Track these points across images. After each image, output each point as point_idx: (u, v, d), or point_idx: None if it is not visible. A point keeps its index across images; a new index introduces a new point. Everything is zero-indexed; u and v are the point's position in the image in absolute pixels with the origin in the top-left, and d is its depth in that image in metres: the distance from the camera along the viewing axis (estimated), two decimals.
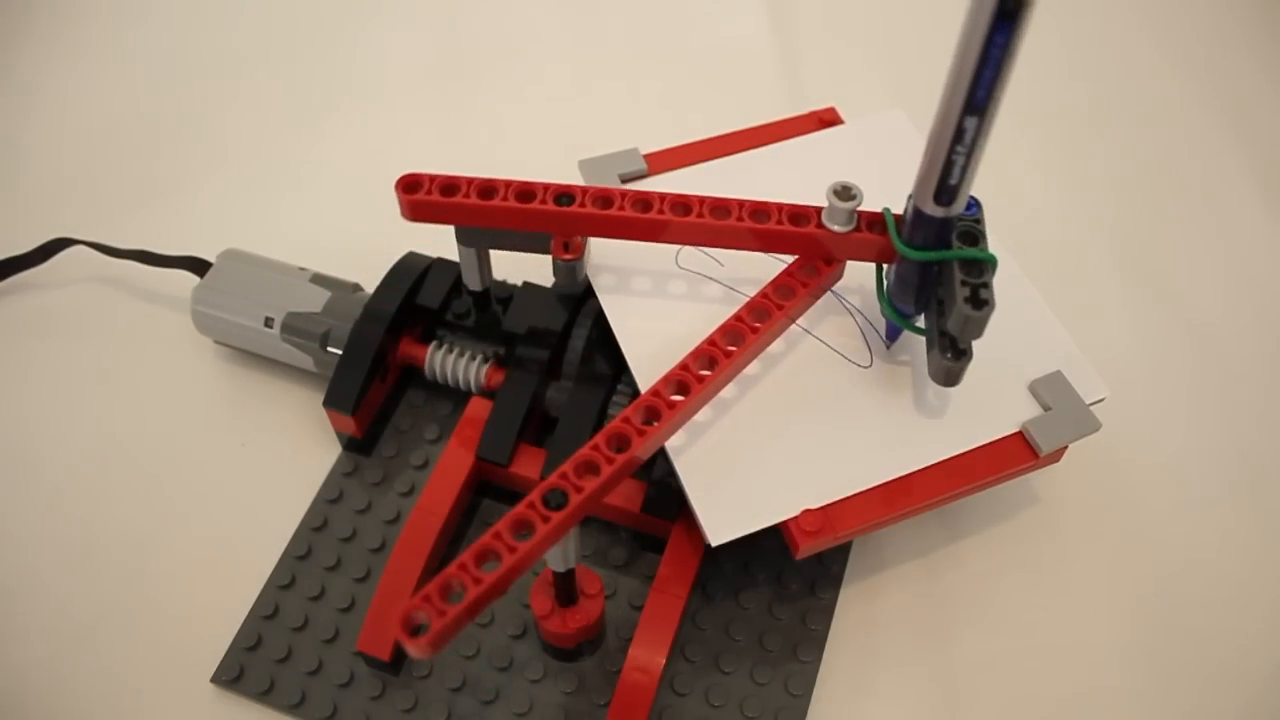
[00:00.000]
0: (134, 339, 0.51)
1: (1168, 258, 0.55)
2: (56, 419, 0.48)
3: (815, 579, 0.43)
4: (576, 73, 0.64)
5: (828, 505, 0.38)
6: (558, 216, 0.39)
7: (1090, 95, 0.63)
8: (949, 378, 0.38)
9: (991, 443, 0.39)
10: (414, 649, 0.31)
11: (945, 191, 0.34)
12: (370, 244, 0.48)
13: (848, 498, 0.38)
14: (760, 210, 0.39)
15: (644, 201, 0.39)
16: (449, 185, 0.40)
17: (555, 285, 0.46)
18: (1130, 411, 0.49)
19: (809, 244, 0.39)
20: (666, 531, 0.41)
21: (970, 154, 0.33)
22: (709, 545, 0.37)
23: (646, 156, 0.48)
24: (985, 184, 0.47)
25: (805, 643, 0.41)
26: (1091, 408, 0.40)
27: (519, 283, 0.48)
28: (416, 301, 0.46)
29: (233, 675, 0.40)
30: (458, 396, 0.47)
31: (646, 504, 0.41)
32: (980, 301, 0.35)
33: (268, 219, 0.56)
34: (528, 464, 0.43)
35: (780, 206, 0.39)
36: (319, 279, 0.48)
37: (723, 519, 0.37)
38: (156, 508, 0.46)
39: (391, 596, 0.40)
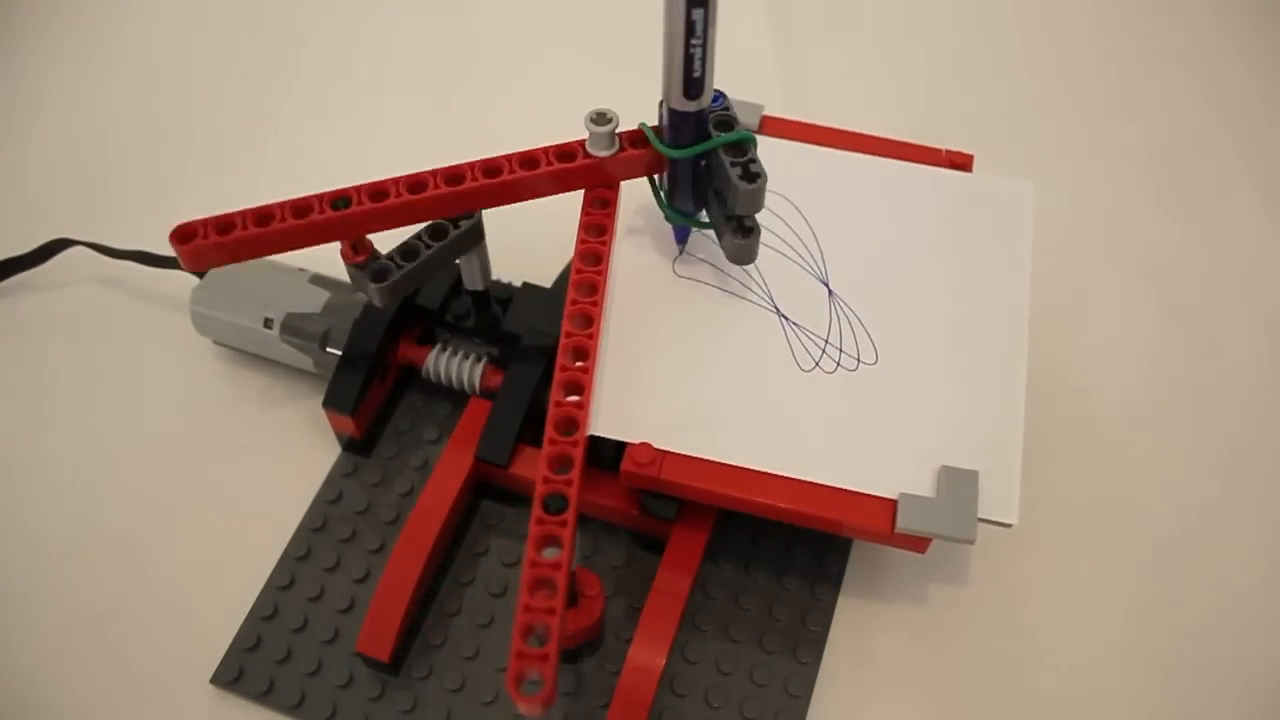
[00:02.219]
0: (133, 339, 0.51)
1: (1168, 257, 0.55)
2: (56, 419, 0.48)
3: (815, 580, 0.43)
4: (576, 72, 0.64)
5: (671, 452, 0.38)
6: (339, 222, 0.39)
7: (1090, 95, 0.63)
8: (744, 254, 0.40)
9: (864, 495, 0.38)
10: (531, 708, 0.31)
11: (692, 85, 0.37)
12: None
13: (698, 458, 0.38)
14: (529, 158, 0.40)
15: (418, 183, 0.40)
16: (225, 224, 0.39)
17: (555, 285, 0.46)
18: (1130, 412, 0.49)
19: (585, 175, 0.41)
20: (666, 531, 0.41)
21: (705, 45, 0.35)
22: (709, 545, 0.37)
23: (765, 118, 0.48)
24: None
25: (805, 643, 0.41)
26: (984, 523, 0.37)
27: (519, 283, 0.48)
28: (416, 302, 0.46)
29: (232, 676, 0.40)
30: (457, 397, 0.47)
31: (646, 504, 0.41)
32: (752, 175, 0.38)
33: None
34: (527, 465, 0.43)
35: (546, 150, 0.41)
36: (318, 279, 0.48)
37: (607, 418, 0.39)
38: (156, 508, 0.46)
39: (391, 598, 0.40)
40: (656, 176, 0.42)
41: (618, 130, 0.40)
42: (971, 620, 0.43)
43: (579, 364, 0.38)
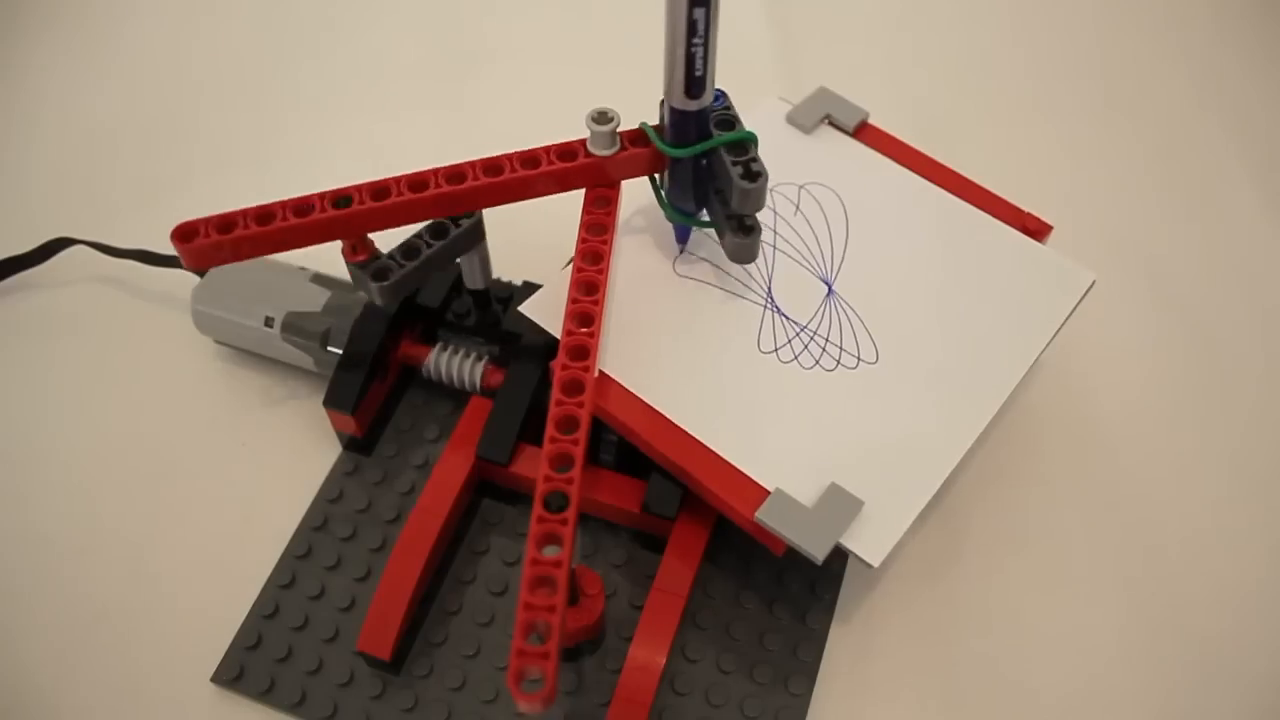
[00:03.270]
0: (134, 339, 0.51)
1: (1168, 257, 0.55)
2: (56, 419, 0.48)
3: (815, 579, 0.43)
4: (576, 72, 0.64)
5: (614, 379, 0.40)
6: (340, 221, 0.39)
7: (1090, 94, 0.63)
8: (745, 253, 0.40)
9: (747, 476, 0.38)
10: (531, 705, 0.31)
11: (694, 84, 0.37)
12: None
13: (631, 392, 0.40)
14: (530, 158, 0.41)
15: (419, 182, 0.40)
16: (226, 223, 0.39)
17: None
18: (1130, 412, 0.49)
19: (585, 174, 0.41)
20: (666, 531, 0.41)
21: (706, 44, 0.35)
22: (709, 544, 0.37)
23: (866, 126, 0.49)
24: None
25: (805, 642, 0.41)
26: (847, 547, 0.37)
27: (518, 282, 0.48)
28: (416, 301, 0.46)
29: (233, 675, 0.40)
30: (458, 396, 0.47)
31: (646, 504, 0.41)
32: (753, 174, 0.38)
33: None
34: (528, 463, 0.43)
35: (547, 149, 0.41)
36: (319, 279, 0.48)
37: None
38: (157, 507, 0.46)
39: (392, 596, 0.40)
40: (657, 176, 0.42)
41: (619, 129, 0.40)
42: (971, 620, 0.43)
43: (580, 363, 0.38)
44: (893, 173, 0.47)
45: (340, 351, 0.45)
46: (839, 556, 0.43)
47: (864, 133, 0.49)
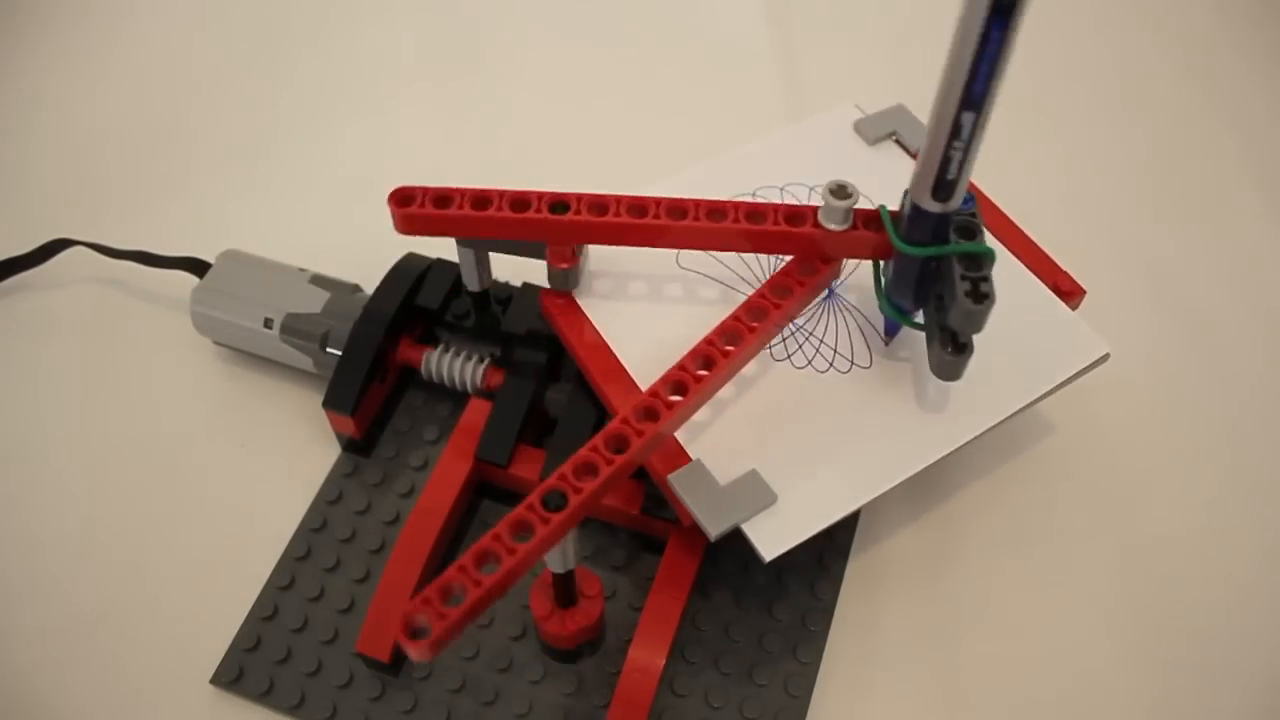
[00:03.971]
0: (134, 339, 0.51)
1: (1168, 257, 0.55)
2: (56, 420, 0.48)
3: (815, 579, 0.43)
4: (576, 72, 0.64)
5: (588, 316, 0.42)
6: (554, 225, 0.39)
7: (1090, 95, 0.63)
8: (950, 371, 0.38)
9: (676, 439, 0.39)
10: (414, 652, 0.31)
11: (943, 187, 0.34)
12: (370, 244, 0.48)
13: (599, 333, 0.42)
14: (756, 212, 0.39)
15: (639, 207, 0.39)
16: (442, 197, 0.39)
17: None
18: (1130, 411, 0.49)
19: (806, 244, 0.39)
20: (666, 532, 0.41)
21: (967, 149, 0.33)
22: (709, 545, 0.37)
23: None
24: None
25: (805, 643, 0.41)
26: (746, 533, 0.37)
27: (518, 284, 0.48)
28: (416, 302, 0.46)
29: (232, 676, 0.40)
30: (457, 397, 0.47)
31: (646, 504, 0.41)
32: (981, 295, 0.35)
33: (267, 219, 0.56)
34: (527, 465, 0.43)
35: (776, 207, 0.39)
36: (318, 280, 0.48)
37: None
38: (156, 508, 0.46)
39: (391, 598, 0.40)
40: (883, 263, 0.40)
41: (855, 206, 0.38)
42: (971, 620, 0.43)
43: (674, 397, 0.37)
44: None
45: (339, 353, 0.45)
46: (839, 557, 0.43)
47: None
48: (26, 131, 0.61)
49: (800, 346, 0.42)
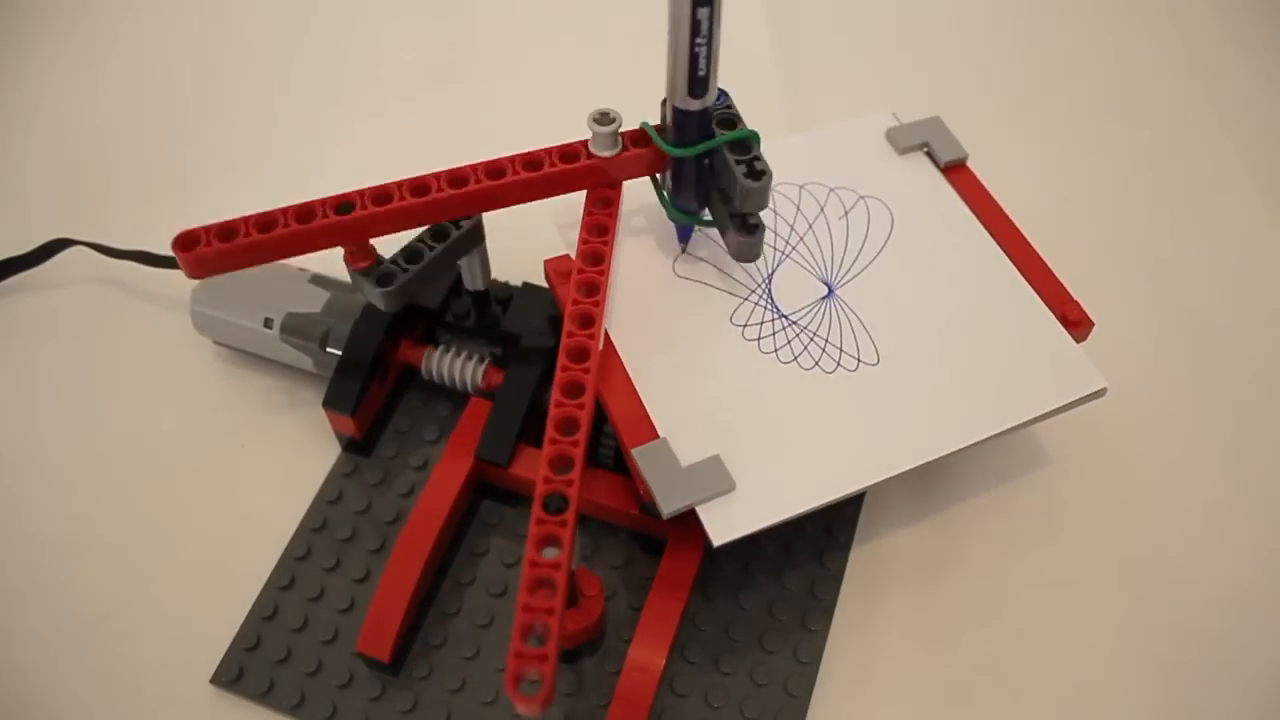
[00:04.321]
0: (133, 339, 0.51)
1: (1168, 257, 0.55)
2: (56, 419, 0.48)
3: (815, 579, 0.43)
4: (575, 72, 0.64)
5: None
6: (343, 226, 0.39)
7: (1090, 95, 0.63)
8: (748, 252, 0.40)
9: (648, 416, 0.39)
10: (530, 708, 0.31)
11: (697, 84, 0.37)
12: None
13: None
14: (532, 160, 0.41)
15: (421, 186, 0.40)
16: (227, 230, 0.38)
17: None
18: (1130, 412, 0.49)
19: (588, 175, 0.41)
20: (666, 532, 0.41)
21: (709, 44, 0.35)
22: (709, 546, 0.37)
23: (961, 167, 0.48)
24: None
25: (805, 643, 0.41)
26: (700, 515, 0.37)
27: (518, 283, 0.48)
28: (416, 302, 0.46)
29: (232, 676, 0.40)
30: (457, 397, 0.47)
31: (646, 504, 0.41)
32: (757, 173, 0.38)
33: None
34: (527, 465, 0.43)
35: (549, 150, 0.41)
36: (318, 279, 0.48)
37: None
38: (156, 508, 0.46)
39: (391, 598, 0.40)
40: (659, 175, 0.42)
41: (620, 130, 0.40)
42: (971, 620, 0.43)
43: (580, 365, 0.38)
44: (959, 216, 0.46)
45: (339, 353, 0.45)
46: (839, 556, 0.43)
47: (955, 172, 0.47)
48: (26, 131, 0.61)
49: (789, 342, 0.42)
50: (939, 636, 0.42)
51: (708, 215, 0.42)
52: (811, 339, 0.42)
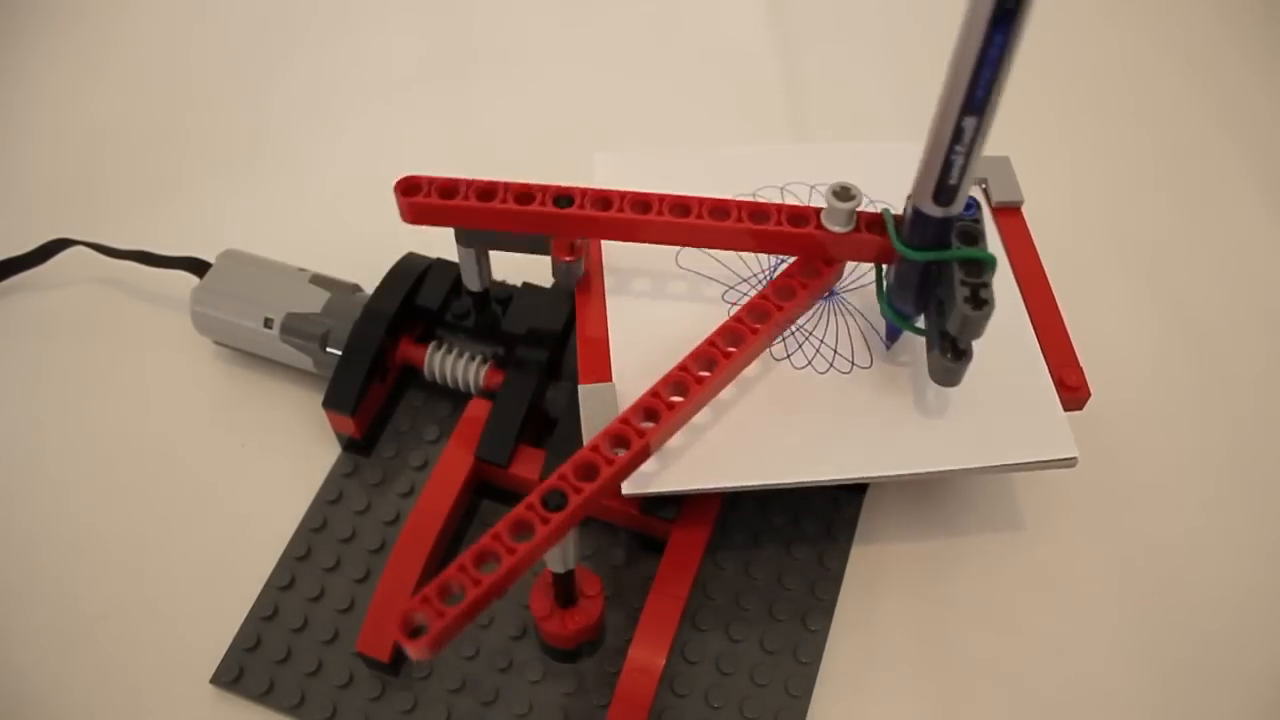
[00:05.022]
0: (133, 339, 0.51)
1: (1168, 258, 0.55)
2: (56, 419, 0.48)
3: (815, 580, 0.43)
4: (575, 72, 0.64)
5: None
6: (557, 218, 0.39)
7: (1090, 95, 0.63)
8: (949, 377, 0.38)
9: (609, 361, 0.41)
10: (413, 650, 0.31)
11: (944, 191, 0.34)
12: (370, 244, 0.48)
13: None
14: (759, 211, 0.39)
15: (643, 203, 0.39)
16: (448, 188, 0.40)
17: (554, 285, 0.46)
18: (1130, 412, 0.49)
19: (808, 245, 0.39)
20: (666, 532, 0.41)
21: (969, 154, 0.33)
22: (710, 545, 0.37)
23: (1008, 210, 0.46)
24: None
25: (805, 643, 0.41)
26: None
27: (518, 283, 0.48)
28: (416, 302, 0.46)
29: (232, 676, 0.40)
30: (457, 397, 0.47)
31: (646, 504, 0.41)
32: (980, 301, 0.35)
33: (267, 219, 0.56)
34: (527, 465, 0.43)
35: (779, 207, 0.39)
36: (318, 279, 0.48)
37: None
38: (156, 508, 0.46)
39: (391, 597, 0.40)
40: (885, 267, 0.40)
41: (858, 209, 0.38)
42: (972, 620, 0.43)
43: (675, 398, 0.37)
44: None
45: (339, 353, 0.45)
46: (840, 556, 0.43)
47: (1006, 213, 0.46)
48: (26, 131, 0.61)
49: (782, 341, 0.42)
50: (939, 636, 0.42)
51: (921, 323, 0.40)
52: (808, 336, 0.42)
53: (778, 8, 0.68)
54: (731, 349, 0.38)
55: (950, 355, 0.37)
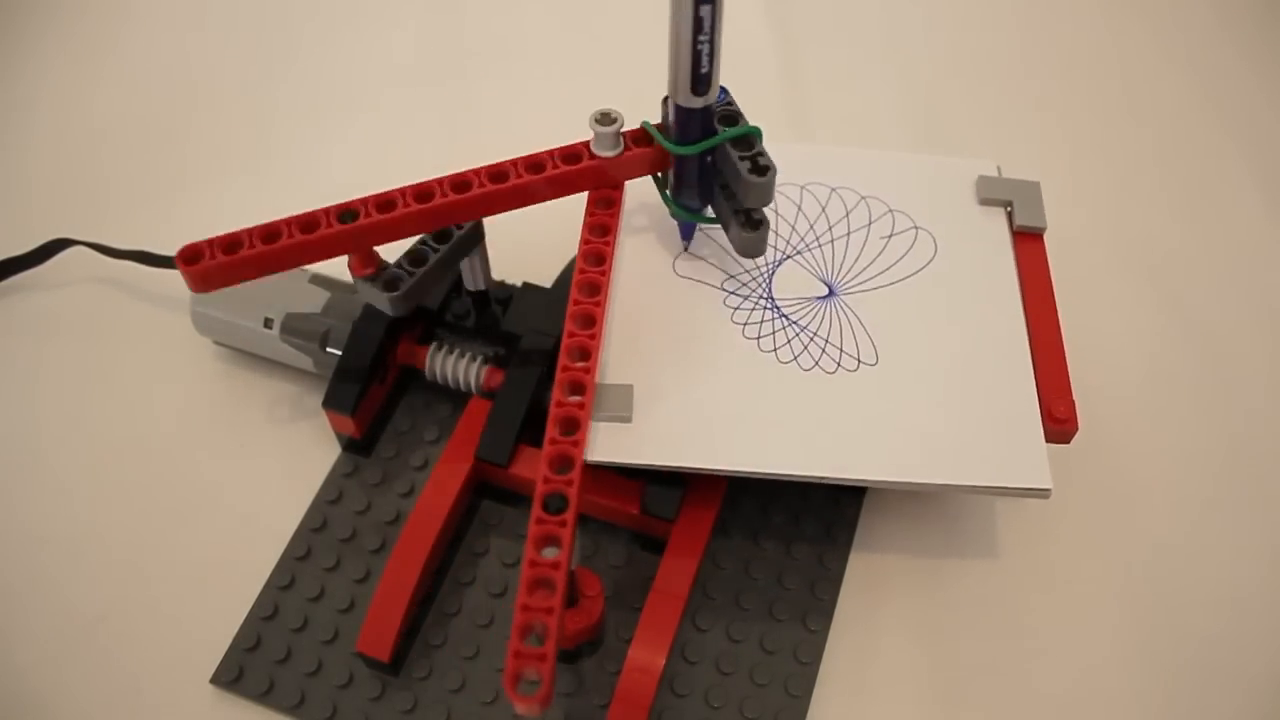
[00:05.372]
0: (133, 339, 0.51)
1: (1169, 257, 0.55)
2: (56, 420, 0.48)
3: (815, 580, 0.43)
4: (575, 72, 0.64)
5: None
6: (348, 234, 0.39)
7: (1091, 94, 0.63)
8: (752, 248, 0.41)
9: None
10: (529, 707, 0.31)
11: (699, 81, 0.37)
12: None
13: None
14: (535, 163, 0.41)
15: (425, 193, 0.40)
16: (231, 243, 0.38)
17: (554, 285, 0.46)
18: (1130, 412, 0.49)
19: (591, 177, 0.41)
20: (666, 531, 0.41)
21: (712, 41, 0.36)
22: (710, 545, 0.37)
23: (1034, 235, 0.46)
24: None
25: (805, 643, 0.41)
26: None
27: (518, 283, 0.48)
28: (420, 304, 0.46)
29: (232, 676, 0.40)
30: (457, 397, 0.47)
31: (646, 504, 0.41)
32: (761, 168, 0.38)
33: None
34: (527, 465, 0.43)
35: (551, 153, 0.41)
36: (318, 279, 0.48)
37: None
38: (156, 508, 0.46)
39: (391, 598, 0.40)
40: (662, 174, 0.42)
41: (622, 130, 0.40)
42: (972, 620, 0.43)
43: (581, 364, 0.38)
44: (1003, 281, 0.44)
45: (339, 353, 0.45)
46: (840, 556, 0.43)
47: (1026, 238, 0.46)
48: (26, 131, 0.61)
49: (789, 342, 0.42)
50: (939, 637, 0.42)
51: (710, 213, 0.43)
52: (800, 332, 0.42)
53: (777, 8, 0.68)
54: (596, 298, 0.39)
55: (748, 227, 0.40)
